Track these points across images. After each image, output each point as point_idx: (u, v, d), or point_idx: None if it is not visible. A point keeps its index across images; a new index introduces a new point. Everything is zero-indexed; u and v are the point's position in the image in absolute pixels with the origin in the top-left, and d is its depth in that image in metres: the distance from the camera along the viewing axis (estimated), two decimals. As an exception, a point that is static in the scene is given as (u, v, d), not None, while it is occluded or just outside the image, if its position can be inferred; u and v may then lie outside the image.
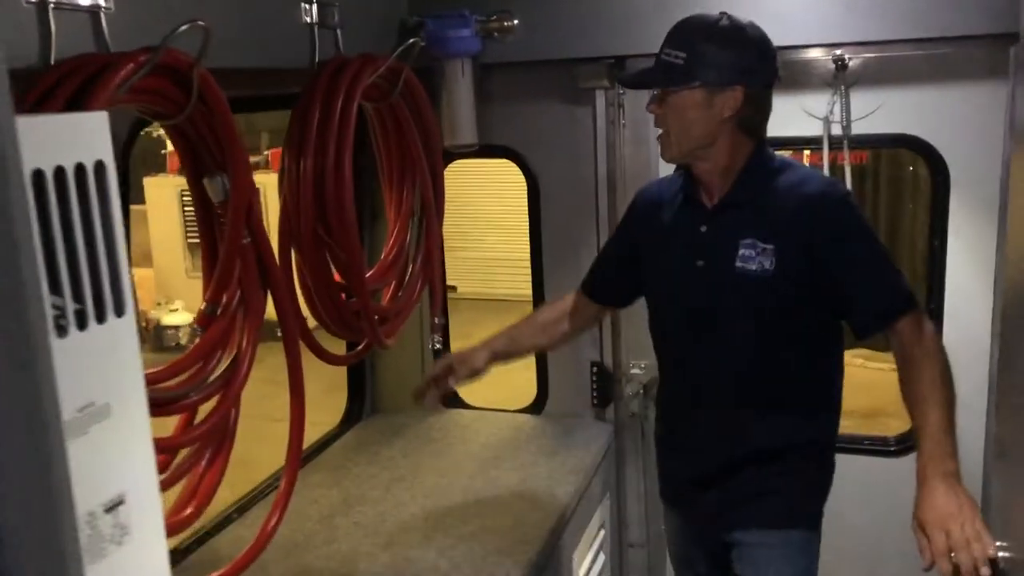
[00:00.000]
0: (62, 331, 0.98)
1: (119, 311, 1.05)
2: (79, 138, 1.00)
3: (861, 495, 2.98)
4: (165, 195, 9.69)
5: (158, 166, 10.05)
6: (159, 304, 9.44)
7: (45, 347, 0.79)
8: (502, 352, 2.45)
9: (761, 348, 2.08)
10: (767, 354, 2.08)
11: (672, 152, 2.07)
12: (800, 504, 2.20)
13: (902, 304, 1.97)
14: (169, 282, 9.79)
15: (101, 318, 1.03)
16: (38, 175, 0.93)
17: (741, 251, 2.01)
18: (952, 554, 1.71)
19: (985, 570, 1.67)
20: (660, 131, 2.07)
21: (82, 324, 1.01)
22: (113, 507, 1.05)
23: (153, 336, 9.08)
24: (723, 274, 2.04)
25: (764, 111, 2.06)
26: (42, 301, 0.93)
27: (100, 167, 1.01)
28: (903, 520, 2.80)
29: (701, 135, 2.02)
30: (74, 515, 0.96)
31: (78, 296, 1.00)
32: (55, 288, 0.97)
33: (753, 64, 2.00)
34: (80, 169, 0.98)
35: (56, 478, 0.88)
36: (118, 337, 1.05)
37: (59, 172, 0.95)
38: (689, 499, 2.31)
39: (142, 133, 1.76)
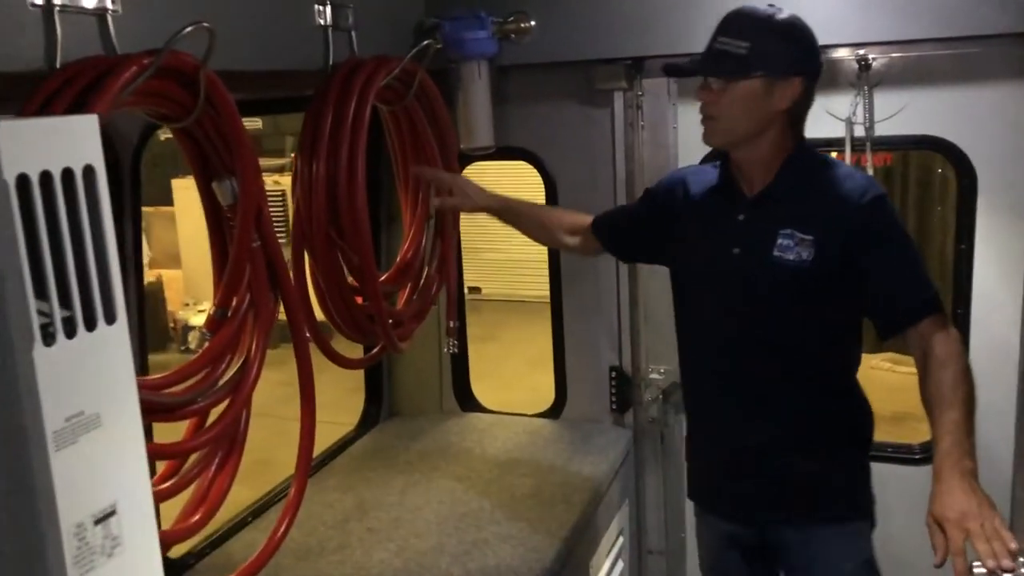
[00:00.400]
0: (49, 339, 0.97)
1: (110, 318, 1.03)
2: (68, 142, 0.98)
3: (884, 503, 2.91)
4: (193, 197, 9.72)
5: (188, 168, 10.11)
6: (187, 305, 9.51)
7: (27, 355, 0.77)
8: (500, 212, 2.61)
9: (791, 336, 2.09)
10: (796, 343, 2.10)
11: (718, 139, 2.08)
12: (848, 495, 2.20)
13: (927, 306, 1.97)
14: (198, 283, 9.85)
15: (91, 325, 1.01)
16: (23, 179, 0.91)
17: (780, 240, 2.03)
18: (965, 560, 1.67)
19: (1007, 562, 1.62)
20: (706, 115, 2.06)
21: (71, 332, 0.99)
22: (104, 518, 1.03)
23: (181, 337, 9.14)
24: (760, 262, 2.05)
25: (810, 104, 2.10)
26: (26, 308, 0.91)
27: (89, 171, 0.99)
28: (921, 528, 2.76)
29: (754, 125, 2.03)
30: (58, 527, 0.94)
31: (66, 303, 0.99)
32: (42, 294, 0.96)
33: (810, 56, 2.05)
34: (68, 174, 0.97)
35: (40, 489, 0.87)
36: (109, 345, 1.04)
37: (45, 176, 0.94)
38: (721, 493, 2.30)
39: (172, 135, 1.77)
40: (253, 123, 11.08)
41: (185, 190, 9.80)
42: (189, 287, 9.86)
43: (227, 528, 2.50)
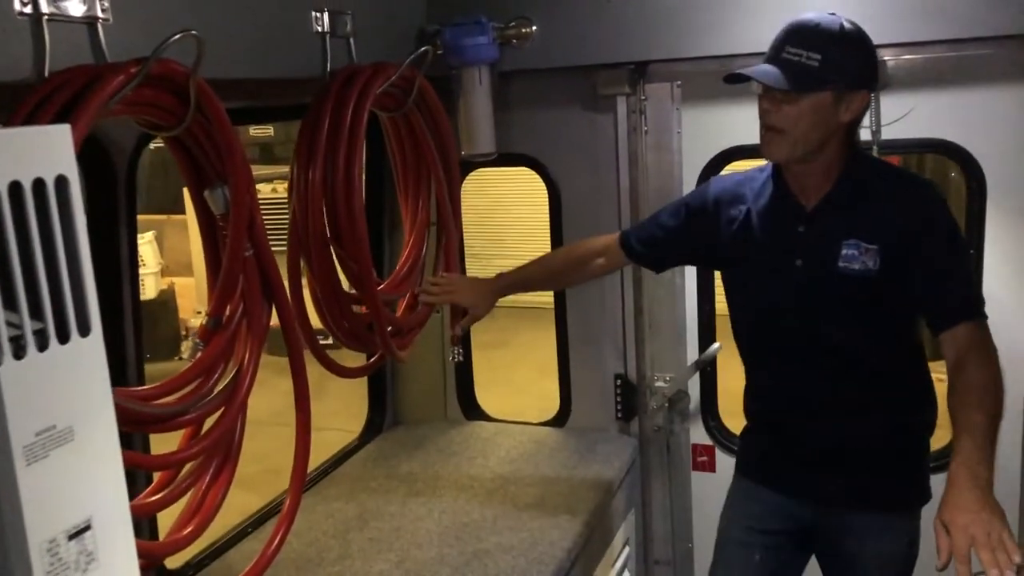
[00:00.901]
0: (20, 351, 0.95)
1: (83, 330, 1.02)
2: (40, 152, 0.97)
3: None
4: (205, 204, 9.77)
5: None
6: (198, 313, 9.53)
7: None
8: (517, 286, 2.65)
9: (860, 344, 2.11)
10: (866, 350, 2.12)
11: (784, 153, 2.04)
12: (914, 487, 2.23)
13: (965, 309, 2.01)
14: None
15: (64, 338, 1.00)
16: (-10, 191, 0.90)
17: (844, 251, 2.03)
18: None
19: (1009, 574, 1.61)
20: (768, 127, 2.02)
21: (43, 344, 0.97)
22: (78, 533, 1.02)
23: (192, 345, 9.16)
24: (825, 273, 2.06)
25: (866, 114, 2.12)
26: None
27: (62, 181, 0.98)
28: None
29: (821, 137, 2.01)
30: (25, 542, 0.92)
31: (38, 315, 0.97)
32: (12, 306, 0.94)
33: (874, 67, 2.06)
34: (39, 184, 0.95)
35: (4, 504, 0.85)
36: (82, 357, 1.02)
37: (15, 187, 0.92)
38: (791, 478, 2.28)
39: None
40: (265, 131, 11.13)
41: (197, 198, 9.84)
42: (201, 295, 9.88)
43: (227, 539, 2.49)
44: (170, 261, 10.01)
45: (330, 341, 2.34)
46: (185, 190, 8.62)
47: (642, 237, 2.45)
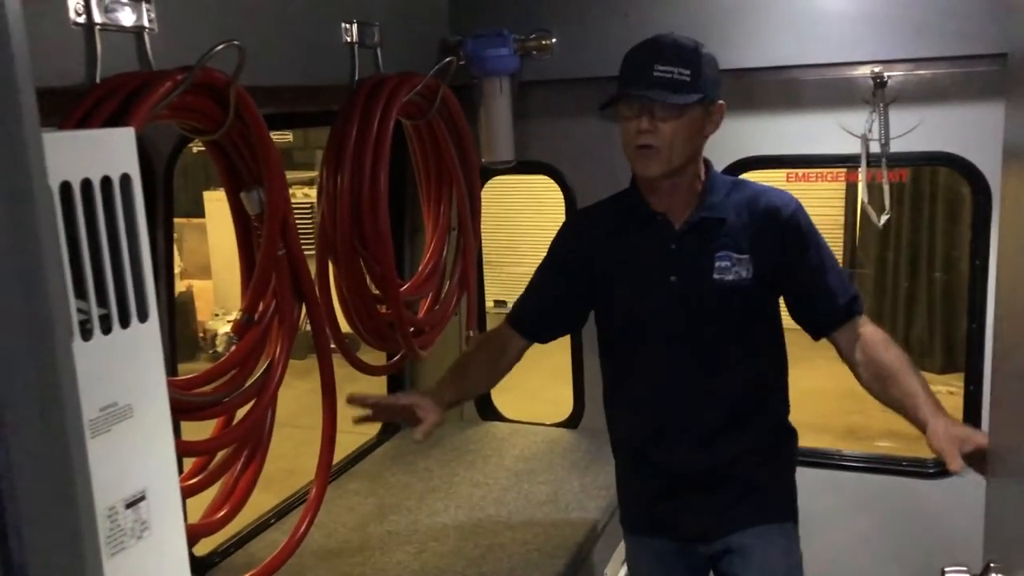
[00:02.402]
0: (87, 334, 1.04)
1: (142, 316, 1.11)
2: (106, 152, 1.06)
3: (900, 516, 2.94)
4: (224, 209, 9.87)
5: (219, 181, 10.29)
6: (216, 315, 9.65)
7: (67, 349, 0.84)
8: (455, 391, 2.32)
9: (737, 354, 2.14)
10: (743, 360, 2.15)
11: (662, 168, 2.04)
12: (790, 496, 2.27)
13: (858, 304, 2.13)
14: (228, 294, 10.00)
15: (125, 323, 1.09)
16: (65, 187, 0.99)
17: (718, 263, 2.08)
18: None
19: None
20: (642, 145, 2.01)
21: (106, 328, 1.07)
22: (134, 503, 1.11)
23: (211, 346, 9.27)
24: (700, 286, 2.09)
25: None
26: (66, 305, 0.99)
27: (126, 180, 1.07)
28: (940, 540, 2.77)
29: (693, 151, 2.07)
30: (93, 509, 1.01)
31: (103, 301, 1.06)
32: (81, 293, 1.04)
33: (720, 79, 2.10)
34: (106, 181, 1.04)
35: (77, 472, 0.94)
36: (141, 341, 1.11)
37: (86, 184, 1.02)
38: (672, 518, 2.25)
39: (203, 148, 1.85)
40: (284, 137, 11.25)
41: (216, 202, 9.97)
42: (219, 297, 10.00)
43: (250, 529, 2.58)
44: (189, 264, 10.15)
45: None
46: (204, 194, 8.73)
47: (530, 309, 2.34)
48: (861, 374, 2.09)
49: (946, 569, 1.68)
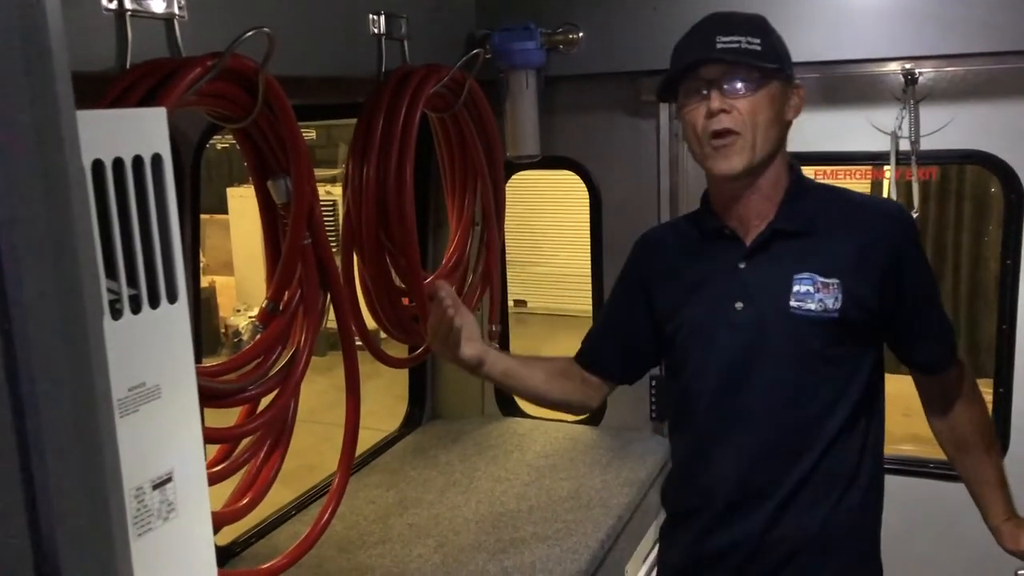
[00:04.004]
0: (117, 314, 1.04)
1: (172, 298, 1.11)
2: (138, 132, 1.06)
3: (925, 518, 2.91)
4: (247, 205, 9.97)
5: (243, 178, 10.37)
6: (238, 311, 9.70)
7: (98, 328, 0.84)
8: (496, 369, 1.95)
9: (819, 402, 1.75)
10: (825, 410, 1.76)
11: (746, 159, 1.68)
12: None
13: (956, 347, 1.90)
14: (250, 290, 10.05)
15: (154, 303, 1.09)
16: (97, 165, 0.99)
17: (796, 288, 1.70)
18: None
19: None
20: (722, 133, 1.67)
21: (136, 308, 1.07)
22: (161, 484, 1.11)
23: (232, 342, 9.32)
24: (773, 317, 1.71)
25: None
26: (98, 284, 0.99)
27: (157, 160, 1.07)
28: (967, 544, 2.74)
29: (778, 138, 1.71)
30: (121, 488, 1.01)
31: (133, 282, 1.06)
32: (111, 273, 1.04)
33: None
34: (138, 161, 1.04)
35: (105, 451, 0.94)
36: (170, 322, 1.11)
37: (118, 163, 1.02)
38: None
39: (229, 146, 1.86)
40: (307, 133, 11.31)
41: (239, 198, 10.04)
42: (241, 294, 10.06)
43: (272, 520, 2.58)
44: (211, 260, 10.21)
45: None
46: (228, 191, 8.79)
47: (599, 346, 2.06)
48: (935, 427, 1.90)
49: (1021, 572, 1.65)
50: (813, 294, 1.69)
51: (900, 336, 1.81)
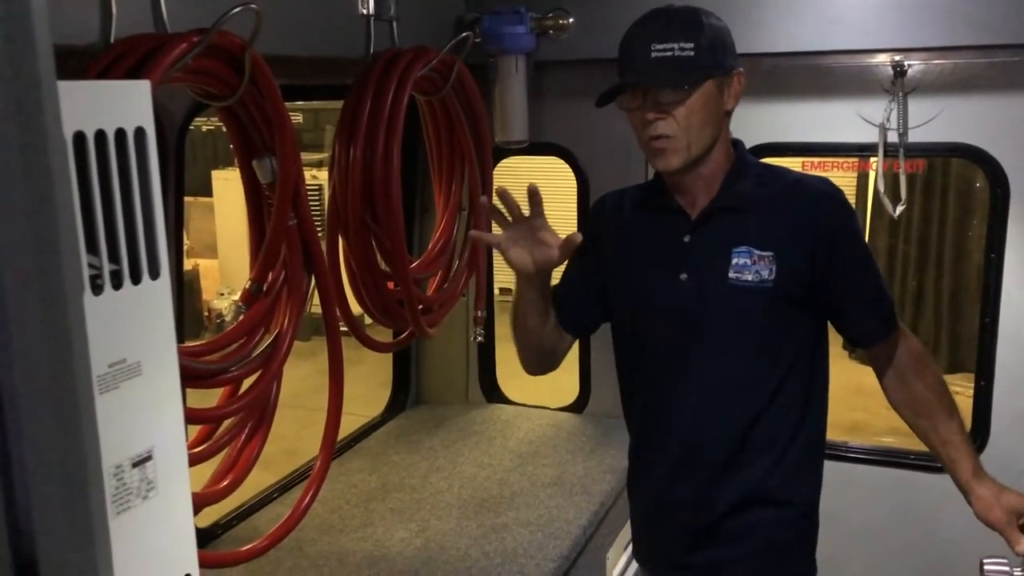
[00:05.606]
0: (98, 289, 1.03)
1: (154, 274, 1.09)
2: (121, 104, 1.04)
3: (906, 509, 2.93)
4: (232, 188, 9.89)
5: (228, 160, 10.29)
6: (221, 294, 9.64)
7: (78, 303, 0.82)
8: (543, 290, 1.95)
9: (756, 367, 1.87)
10: (764, 377, 1.87)
11: (683, 158, 1.79)
12: (810, 549, 2.03)
13: (895, 317, 1.93)
14: (234, 273, 9.99)
15: (136, 279, 1.07)
16: (79, 138, 0.97)
17: (735, 260, 1.81)
18: None
19: None
20: (656, 137, 1.77)
21: (117, 284, 1.05)
22: (140, 462, 1.09)
23: (215, 325, 9.28)
24: (713, 287, 1.83)
25: None
26: (78, 258, 0.97)
27: (140, 133, 1.05)
28: (946, 534, 2.76)
29: (715, 132, 1.81)
30: (100, 465, 1.00)
31: (114, 257, 1.05)
32: (92, 248, 1.02)
33: (733, 44, 1.84)
34: (120, 134, 1.03)
35: (84, 428, 0.92)
36: (152, 299, 1.10)
37: (100, 136, 1.00)
38: (689, 564, 2.00)
39: (214, 128, 1.83)
40: (294, 116, 11.23)
41: (224, 181, 9.97)
42: (225, 277, 10.00)
43: (253, 502, 2.57)
44: (195, 243, 10.14)
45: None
46: (213, 173, 8.73)
47: (563, 302, 2.04)
48: (891, 397, 1.92)
49: (985, 560, 1.65)
50: (750, 266, 1.81)
51: (834, 305, 1.89)
